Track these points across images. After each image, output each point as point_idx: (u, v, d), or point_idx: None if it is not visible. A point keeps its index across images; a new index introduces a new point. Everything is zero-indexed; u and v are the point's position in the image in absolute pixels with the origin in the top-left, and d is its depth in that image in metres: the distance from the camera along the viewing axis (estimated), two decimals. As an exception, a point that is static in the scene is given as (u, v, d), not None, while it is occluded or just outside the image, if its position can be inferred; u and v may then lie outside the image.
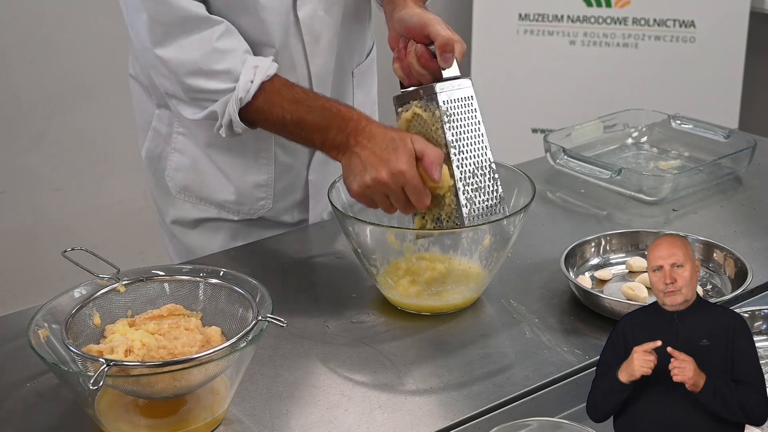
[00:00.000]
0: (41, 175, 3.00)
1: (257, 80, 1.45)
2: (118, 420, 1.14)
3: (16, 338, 1.29)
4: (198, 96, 1.48)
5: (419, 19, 1.38)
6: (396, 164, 1.32)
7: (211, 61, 1.45)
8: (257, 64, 1.46)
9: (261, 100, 1.46)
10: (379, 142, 1.35)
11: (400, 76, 1.43)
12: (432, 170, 1.32)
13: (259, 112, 1.47)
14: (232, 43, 1.46)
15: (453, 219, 1.36)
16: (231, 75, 1.45)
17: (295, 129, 1.46)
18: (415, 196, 1.32)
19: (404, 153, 1.32)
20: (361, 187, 1.35)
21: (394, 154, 1.33)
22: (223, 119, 1.48)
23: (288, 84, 1.48)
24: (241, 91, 1.44)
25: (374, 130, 1.37)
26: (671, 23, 3.12)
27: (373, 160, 1.34)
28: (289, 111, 1.45)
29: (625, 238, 1.53)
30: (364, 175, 1.34)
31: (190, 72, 1.46)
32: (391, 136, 1.35)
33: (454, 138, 1.35)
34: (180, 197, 1.70)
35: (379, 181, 1.33)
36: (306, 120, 1.43)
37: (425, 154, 1.32)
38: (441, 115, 1.35)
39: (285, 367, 1.27)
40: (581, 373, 1.18)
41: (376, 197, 1.36)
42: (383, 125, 1.39)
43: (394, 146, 1.33)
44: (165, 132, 1.67)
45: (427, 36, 1.37)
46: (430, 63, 1.37)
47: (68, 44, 2.92)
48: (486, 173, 1.37)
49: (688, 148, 1.97)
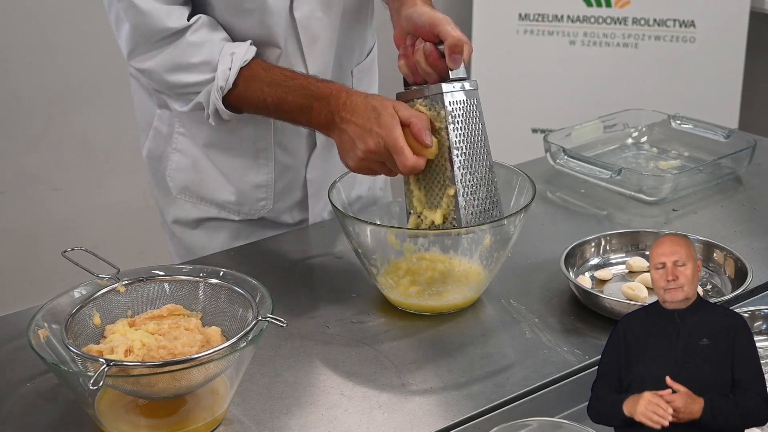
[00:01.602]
0: (41, 175, 3.00)
1: (235, 67, 1.46)
2: (118, 420, 1.14)
3: (16, 338, 1.29)
4: (181, 91, 1.51)
5: (429, 17, 1.38)
6: (379, 130, 1.33)
7: (187, 55, 1.47)
8: (234, 50, 1.47)
9: (241, 86, 1.48)
10: (362, 113, 1.36)
11: (405, 73, 1.43)
12: (422, 136, 1.32)
13: (241, 98, 1.49)
14: (206, 35, 1.48)
15: (451, 220, 1.36)
16: (209, 65, 1.47)
17: (278, 111, 1.48)
18: (397, 157, 1.32)
19: (386, 117, 1.33)
20: (355, 161, 1.37)
21: (376, 122, 1.33)
22: (209, 109, 1.50)
23: (266, 66, 1.49)
24: (221, 79, 1.46)
25: (356, 102, 1.38)
26: (671, 23, 3.12)
27: (359, 132, 1.35)
28: (270, 94, 1.46)
29: (625, 238, 1.53)
30: (355, 149, 1.36)
31: (168, 69, 1.49)
32: (373, 105, 1.36)
33: (457, 139, 1.35)
34: (180, 197, 1.70)
35: (369, 151, 1.34)
36: (287, 101, 1.45)
37: (412, 122, 1.33)
38: (446, 115, 1.34)
39: (285, 367, 1.27)
40: (581, 373, 1.18)
41: (373, 167, 1.37)
42: (364, 94, 1.40)
43: (376, 114, 1.34)
44: (166, 132, 1.68)
45: (437, 35, 1.37)
46: (437, 62, 1.37)
47: (68, 44, 2.92)
48: (485, 176, 1.37)
49: (688, 148, 1.97)
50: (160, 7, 1.45)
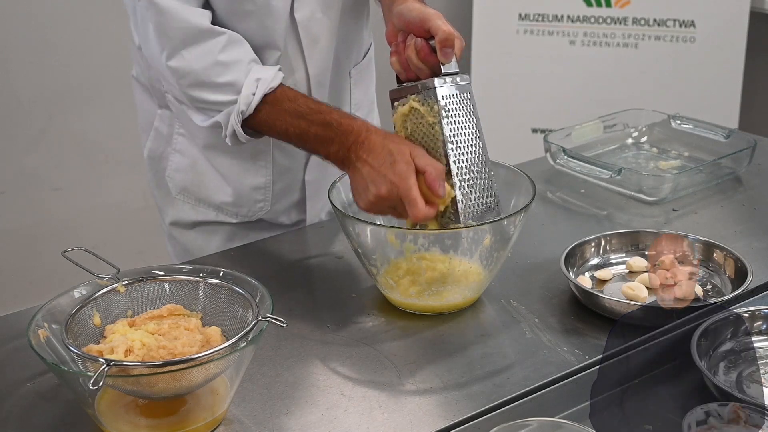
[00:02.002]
0: (41, 175, 3.00)
1: (259, 93, 1.44)
2: (118, 420, 1.14)
3: (16, 338, 1.29)
4: (202, 106, 1.49)
5: (419, 13, 1.38)
6: (392, 178, 1.32)
7: (214, 74, 1.45)
8: (260, 76, 1.45)
9: (264, 113, 1.46)
10: (378, 156, 1.34)
11: (397, 70, 1.43)
12: (435, 186, 1.31)
13: (262, 125, 1.47)
14: (235, 55, 1.46)
15: (448, 215, 1.36)
16: (234, 87, 1.45)
17: (298, 142, 1.46)
18: (409, 207, 1.31)
19: (401, 165, 1.32)
20: (366, 204, 1.36)
21: (391, 168, 1.32)
22: (227, 130, 1.48)
23: (291, 96, 1.47)
24: (243, 104, 1.44)
25: (374, 143, 1.36)
26: (671, 23, 3.12)
27: (373, 175, 1.34)
28: (292, 125, 1.44)
29: (625, 238, 1.53)
30: (367, 192, 1.35)
31: (192, 84, 1.46)
32: (389, 149, 1.34)
33: (451, 133, 1.34)
34: (180, 198, 1.70)
35: (380, 197, 1.33)
36: (309, 134, 1.43)
37: (427, 171, 1.32)
38: (439, 110, 1.34)
39: (285, 367, 1.27)
40: (581, 373, 1.18)
41: (384, 211, 1.36)
42: (384, 134, 1.38)
43: (392, 160, 1.33)
44: (166, 132, 1.67)
45: (428, 30, 1.37)
46: (429, 57, 1.37)
47: (68, 44, 2.92)
48: (482, 170, 1.37)
49: (688, 148, 1.97)
50: (180, 5, 1.43)
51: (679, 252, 1.48)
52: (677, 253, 1.48)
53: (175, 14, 1.43)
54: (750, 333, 1.29)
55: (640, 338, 1.23)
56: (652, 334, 1.24)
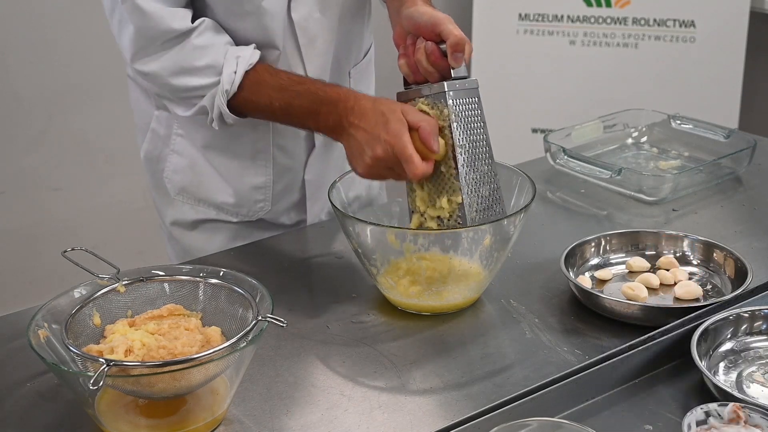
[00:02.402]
0: (41, 175, 3.00)
1: (240, 70, 1.46)
2: (118, 420, 1.14)
3: (16, 338, 1.29)
4: (185, 95, 1.50)
5: (430, 17, 1.38)
6: (386, 137, 1.32)
7: (192, 59, 1.46)
8: (239, 54, 1.47)
9: (247, 90, 1.47)
10: (370, 119, 1.35)
11: (405, 72, 1.43)
12: (430, 141, 1.32)
13: (247, 102, 1.48)
14: (210, 38, 1.47)
15: (455, 218, 1.36)
16: (214, 69, 1.46)
17: (285, 116, 1.47)
18: (406, 165, 1.31)
19: (394, 123, 1.32)
20: (364, 168, 1.36)
21: (385, 128, 1.33)
22: (213, 113, 1.49)
23: (272, 71, 1.48)
24: (226, 83, 1.45)
25: (364, 107, 1.37)
26: (671, 23, 3.12)
27: (367, 138, 1.34)
28: (277, 98, 1.45)
29: (625, 238, 1.53)
30: (363, 156, 1.35)
31: (173, 73, 1.47)
32: (381, 110, 1.35)
33: (460, 137, 1.35)
34: (178, 199, 1.70)
35: (377, 158, 1.34)
36: (294, 105, 1.44)
37: (420, 126, 1.32)
38: (449, 113, 1.35)
39: (285, 367, 1.27)
40: (581, 373, 1.18)
41: (382, 173, 1.37)
42: (372, 98, 1.39)
43: (385, 120, 1.33)
44: (164, 134, 1.67)
45: (438, 34, 1.37)
46: (439, 61, 1.37)
47: (68, 44, 2.92)
48: (488, 173, 1.37)
49: (688, 148, 1.97)
50: (164, 8, 1.44)
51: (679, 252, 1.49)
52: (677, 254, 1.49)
53: (159, 19, 1.44)
54: (750, 333, 1.29)
55: (640, 338, 1.23)
56: (652, 334, 1.24)
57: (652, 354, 1.23)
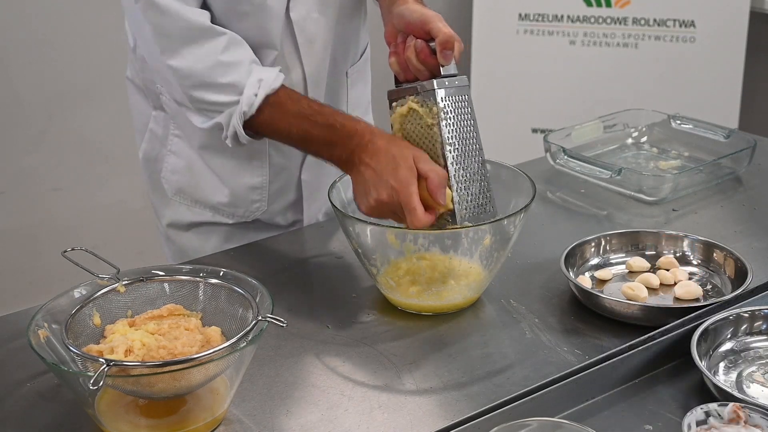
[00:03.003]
0: (41, 175, 3.00)
1: (261, 94, 1.44)
2: (118, 420, 1.14)
3: (16, 338, 1.29)
4: (204, 107, 1.49)
5: (420, 15, 1.39)
6: (394, 183, 1.32)
7: (216, 75, 1.45)
8: (262, 77, 1.45)
9: (266, 113, 1.45)
10: (381, 160, 1.34)
11: (395, 70, 1.43)
12: (437, 195, 1.32)
13: (264, 126, 1.47)
14: (237, 55, 1.46)
15: (445, 216, 1.36)
16: (236, 88, 1.45)
17: (301, 143, 1.47)
18: (408, 215, 1.31)
19: (404, 171, 1.32)
20: (368, 208, 1.36)
21: (393, 173, 1.32)
22: (228, 131, 1.48)
23: (293, 97, 1.47)
24: (245, 105, 1.44)
25: (377, 146, 1.36)
26: (671, 23, 3.12)
27: (375, 179, 1.34)
28: (295, 125, 1.44)
29: (625, 238, 1.53)
30: (369, 196, 1.35)
31: (194, 85, 1.46)
32: (393, 154, 1.34)
33: (450, 135, 1.35)
34: (176, 199, 1.70)
35: (381, 201, 1.34)
36: (312, 135, 1.43)
37: (429, 177, 1.32)
38: (438, 111, 1.35)
39: (285, 367, 1.27)
40: (581, 373, 1.18)
41: (385, 215, 1.37)
42: (388, 138, 1.38)
43: (395, 164, 1.33)
44: (161, 134, 1.67)
45: (428, 32, 1.37)
46: (429, 59, 1.38)
47: (68, 45, 2.92)
48: (478, 171, 1.37)
49: (688, 148, 1.97)
50: (180, 5, 1.42)
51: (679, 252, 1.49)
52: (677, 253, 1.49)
53: (175, 14, 1.43)
54: (750, 333, 1.29)
55: (640, 338, 1.23)
56: (652, 334, 1.24)
57: (652, 354, 1.23)
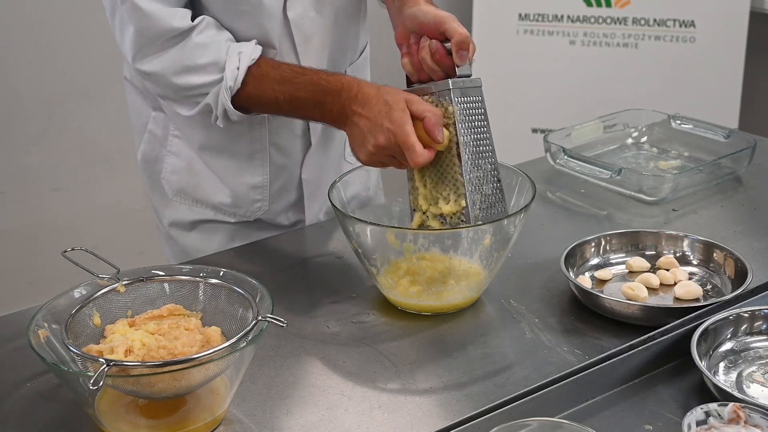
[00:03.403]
0: (41, 175, 3.00)
1: (243, 66, 1.46)
2: (118, 420, 1.14)
3: (16, 338, 1.29)
4: (189, 93, 1.49)
5: (434, 16, 1.39)
6: (389, 126, 1.33)
7: (194, 57, 1.46)
8: (241, 50, 1.47)
9: (251, 85, 1.47)
10: (373, 107, 1.36)
11: (409, 71, 1.43)
12: (434, 132, 1.32)
13: (251, 97, 1.48)
14: (211, 36, 1.47)
15: (458, 217, 1.36)
16: (216, 65, 1.46)
17: (290, 109, 1.47)
18: (408, 153, 1.32)
19: (397, 113, 1.33)
20: (366, 155, 1.37)
21: (387, 117, 1.33)
22: (218, 110, 1.49)
23: (275, 64, 1.48)
24: (230, 79, 1.45)
25: (367, 94, 1.37)
26: (671, 23, 3.12)
27: (370, 126, 1.35)
28: (281, 92, 1.45)
29: (625, 238, 1.53)
30: (366, 143, 1.36)
31: (175, 72, 1.47)
32: (385, 98, 1.35)
33: (465, 135, 1.35)
34: (176, 200, 1.70)
35: (379, 146, 1.34)
36: (299, 97, 1.44)
37: (425, 116, 1.33)
38: (454, 111, 1.35)
39: (285, 367, 1.27)
40: (581, 373, 1.18)
41: (384, 161, 1.38)
42: (376, 86, 1.39)
43: (388, 108, 1.34)
44: (160, 135, 1.67)
45: (443, 33, 1.38)
46: (444, 59, 1.38)
47: (68, 45, 2.92)
48: (492, 172, 1.38)
49: (688, 148, 1.97)
50: (164, 8, 1.44)
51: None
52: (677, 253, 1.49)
53: (159, 18, 1.44)
54: (750, 333, 1.29)
55: (640, 338, 1.23)
56: (652, 334, 1.24)
57: (652, 354, 1.23)
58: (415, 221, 1.42)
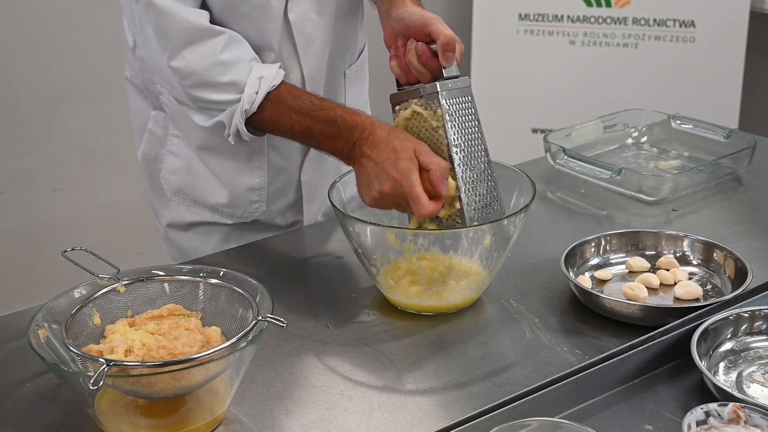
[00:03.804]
0: (41, 175, 3.00)
1: (262, 92, 1.45)
2: (118, 420, 1.14)
3: (16, 338, 1.29)
4: (205, 106, 1.49)
5: (420, 17, 1.39)
6: (395, 175, 1.32)
7: (216, 74, 1.45)
8: (262, 74, 1.45)
9: (268, 110, 1.46)
10: (381, 152, 1.35)
11: (396, 74, 1.43)
12: (439, 186, 1.32)
13: (266, 122, 1.47)
14: (236, 54, 1.46)
15: (454, 218, 1.36)
16: (236, 86, 1.45)
17: (303, 138, 1.47)
18: (414, 204, 1.31)
19: (404, 163, 1.32)
20: (371, 200, 1.37)
21: (394, 165, 1.33)
22: (230, 129, 1.48)
23: (294, 93, 1.47)
24: (246, 103, 1.45)
25: (378, 138, 1.37)
26: (671, 23, 3.12)
27: (377, 171, 1.34)
28: (297, 122, 1.45)
29: (625, 238, 1.53)
30: (371, 188, 1.36)
31: (195, 84, 1.46)
32: (393, 145, 1.34)
33: (455, 137, 1.35)
34: (175, 200, 1.70)
35: (383, 193, 1.34)
36: (313, 130, 1.44)
37: (431, 169, 1.32)
38: (443, 113, 1.35)
39: (285, 367, 1.27)
40: (581, 373, 1.18)
41: (388, 206, 1.37)
42: (388, 130, 1.38)
43: (395, 156, 1.33)
44: (160, 134, 1.67)
45: (428, 35, 1.37)
46: (430, 61, 1.38)
47: (68, 45, 2.92)
48: (485, 171, 1.37)
49: (688, 148, 1.97)
50: (179, 6, 1.43)
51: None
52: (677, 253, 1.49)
53: (175, 14, 1.43)
54: (750, 333, 1.29)
55: (640, 338, 1.23)
56: (652, 334, 1.24)
57: (652, 354, 1.23)
58: (412, 223, 1.42)
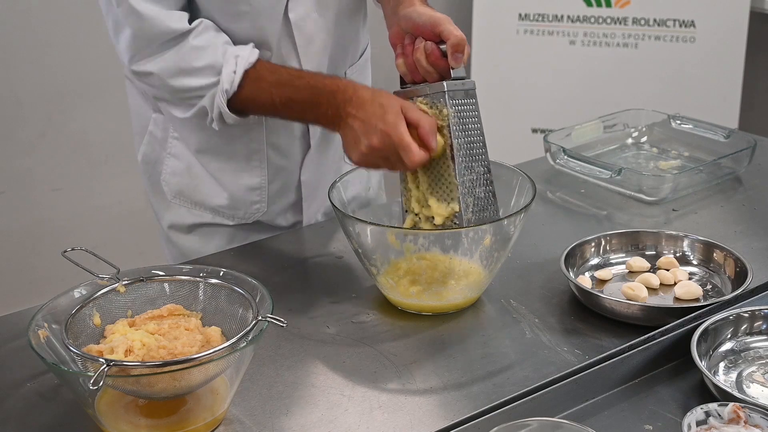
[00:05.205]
0: (41, 175, 3.00)
1: (240, 69, 1.46)
2: (118, 420, 1.14)
3: (16, 338, 1.29)
4: (185, 95, 1.50)
5: (429, 17, 1.39)
6: (383, 127, 1.33)
7: (191, 59, 1.46)
8: (238, 53, 1.47)
9: (247, 88, 1.47)
10: (368, 109, 1.36)
11: (403, 72, 1.43)
12: (428, 139, 1.33)
13: (248, 101, 1.48)
14: (208, 38, 1.47)
15: (451, 221, 1.36)
16: (213, 69, 1.46)
17: (286, 111, 1.48)
18: (404, 153, 1.32)
19: (391, 116, 1.33)
20: (359, 156, 1.37)
21: (382, 119, 1.33)
22: (213, 113, 1.49)
23: (271, 67, 1.49)
24: (226, 83, 1.45)
25: (363, 97, 1.37)
26: (671, 23, 3.12)
27: (365, 128, 1.35)
28: (277, 94, 1.46)
29: (625, 238, 1.53)
30: (359, 144, 1.36)
31: (172, 74, 1.47)
32: (380, 102, 1.35)
33: (459, 137, 1.35)
34: (175, 202, 1.70)
35: (372, 147, 1.34)
36: (294, 100, 1.44)
37: (420, 124, 1.33)
38: (448, 113, 1.35)
39: (285, 367, 1.27)
40: (581, 373, 1.18)
41: (377, 162, 1.37)
42: (372, 89, 1.39)
43: (382, 111, 1.34)
44: (161, 137, 1.67)
45: (438, 34, 1.37)
46: (438, 61, 1.38)
47: (68, 44, 2.92)
48: (484, 174, 1.38)
49: (688, 148, 1.97)
50: (161, 10, 1.44)
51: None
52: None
53: (157, 20, 1.44)
54: (750, 333, 1.29)
55: (640, 338, 1.23)
56: (652, 334, 1.24)
57: (652, 354, 1.23)
58: (407, 223, 1.42)
